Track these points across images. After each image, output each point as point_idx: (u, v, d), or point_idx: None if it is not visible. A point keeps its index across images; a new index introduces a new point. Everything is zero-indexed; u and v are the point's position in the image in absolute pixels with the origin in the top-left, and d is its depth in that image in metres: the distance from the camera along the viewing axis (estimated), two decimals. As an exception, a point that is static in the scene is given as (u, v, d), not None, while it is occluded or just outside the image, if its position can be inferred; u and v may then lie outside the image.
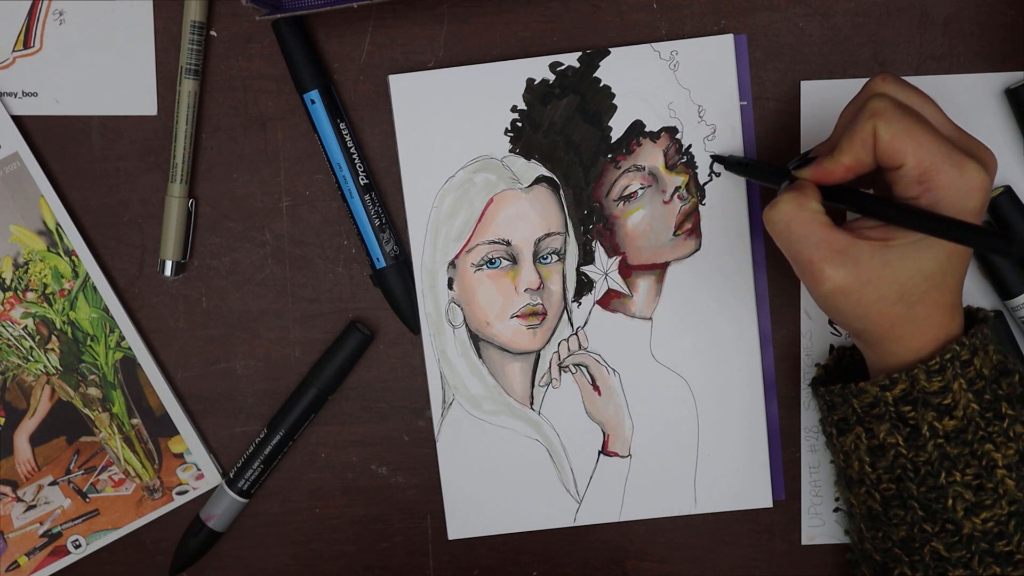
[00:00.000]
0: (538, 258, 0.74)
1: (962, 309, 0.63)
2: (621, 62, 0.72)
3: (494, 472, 0.75)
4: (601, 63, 0.72)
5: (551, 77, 0.72)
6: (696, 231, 0.74)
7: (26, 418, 0.75)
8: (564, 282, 0.74)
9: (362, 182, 0.72)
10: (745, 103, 0.73)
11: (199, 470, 0.76)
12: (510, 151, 0.73)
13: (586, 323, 0.74)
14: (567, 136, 0.73)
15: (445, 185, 0.73)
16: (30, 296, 0.74)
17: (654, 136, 0.73)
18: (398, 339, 0.75)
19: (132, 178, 0.74)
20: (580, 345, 0.74)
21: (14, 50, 0.73)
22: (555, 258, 0.74)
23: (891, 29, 0.73)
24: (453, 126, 0.73)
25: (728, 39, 0.72)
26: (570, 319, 0.74)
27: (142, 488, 0.76)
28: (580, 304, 0.74)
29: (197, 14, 0.71)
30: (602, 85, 0.72)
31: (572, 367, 0.74)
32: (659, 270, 0.74)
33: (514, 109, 0.72)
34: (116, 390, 0.75)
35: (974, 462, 0.61)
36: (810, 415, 0.75)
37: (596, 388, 0.75)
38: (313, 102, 0.72)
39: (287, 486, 0.76)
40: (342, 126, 0.72)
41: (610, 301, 0.74)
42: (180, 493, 0.76)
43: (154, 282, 0.75)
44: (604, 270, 0.74)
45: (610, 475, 0.75)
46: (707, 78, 0.72)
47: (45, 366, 0.74)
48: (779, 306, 0.75)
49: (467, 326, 0.74)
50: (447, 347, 0.74)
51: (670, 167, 0.73)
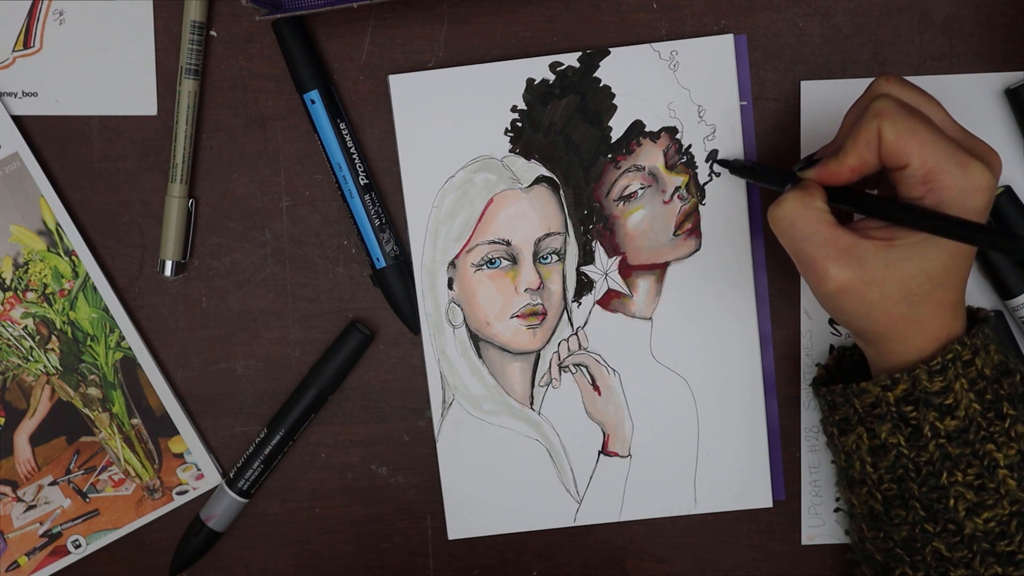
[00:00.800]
0: (538, 258, 0.74)
1: (964, 309, 0.63)
2: (621, 62, 0.72)
3: (494, 472, 0.75)
4: (601, 63, 0.72)
5: (551, 77, 0.72)
6: (696, 231, 0.74)
7: (26, 418, 0.75)
8: (564, 282, 0.74)
9: (362, 182, 0.72)
10: (745, 103, 0.73)
11: (199, 470, 0.76)
12: (510, 151, 0.73)
13: (586, 323, 0.74)
14: (567, 136, 0.73)
15: (445, 185, 0.73)
16: (30, 296, 0.74)
17: (654, 136, 0.73)
18: (398, 339, 0.75)
19: (132, 178, 0.74)
20: (580, 345, 0.74)
21: (14, 50, 0.73)
22: (555, 258, 0.74)
23: (891, 29, 0.73)
24: (453, 126, 0.72)
25: (728, 39, 0.72)
26: (570, 319, 0.74)
27: (142, 488, 0.76)
28: (580, 304, 0.74)
29: (197, 14, 0.71)
30: (602, 85, 0.72)
31: (572, 367, 0.74)
32: (659, 270, 0.74)
33: (514, 109, 0.72)
34: (116, 390, 0.75)
35: (976, 462, 0.61)
36: (810, 415, 0.75)
37: (596, 388, 0.74)
38: (313, 102, 0.72)
39: (287, 486, 0.76)
40: (342, 126, 0.72)
41: (610, 301, 0.74)
42: (180, 493, 0.76)
43: (154, 282, 0.75)
44: (604, 270, 0.74)
45: (610, 475, 0.75)
46: (707, 78, 0.72)
47: (45, 366, 0.74)
48: (779, 306, 0.75)
49: (467, 326, 0.74)
50: (447, 347, 0.74)
51: (670, 167, 0.73)
